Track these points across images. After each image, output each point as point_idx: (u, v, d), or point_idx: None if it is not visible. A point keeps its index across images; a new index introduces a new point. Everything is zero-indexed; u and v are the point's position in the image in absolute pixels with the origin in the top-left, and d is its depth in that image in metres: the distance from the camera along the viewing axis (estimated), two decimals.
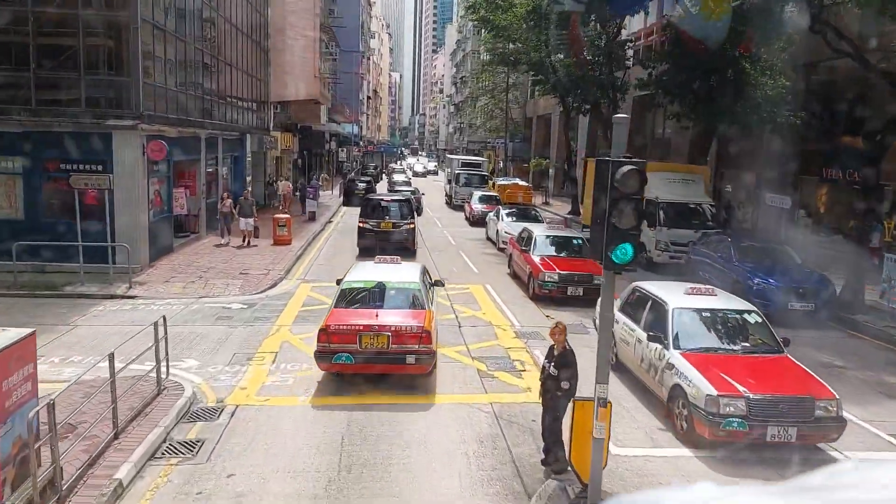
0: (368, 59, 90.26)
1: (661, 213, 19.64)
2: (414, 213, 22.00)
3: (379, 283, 10.52)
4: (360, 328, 9.35)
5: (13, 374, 6.01)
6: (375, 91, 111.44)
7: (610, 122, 29.81)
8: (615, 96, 30.00)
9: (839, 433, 7.86)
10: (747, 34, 19.51)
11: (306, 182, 37.20)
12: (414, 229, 21.05)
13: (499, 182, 40.69)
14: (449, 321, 13.57)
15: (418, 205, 27.51)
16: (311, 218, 29.07)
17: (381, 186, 45.80)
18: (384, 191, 38.34)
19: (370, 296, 10.35)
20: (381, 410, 9.06)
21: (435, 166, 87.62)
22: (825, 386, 8.11)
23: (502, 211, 24.97)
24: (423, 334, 9.36)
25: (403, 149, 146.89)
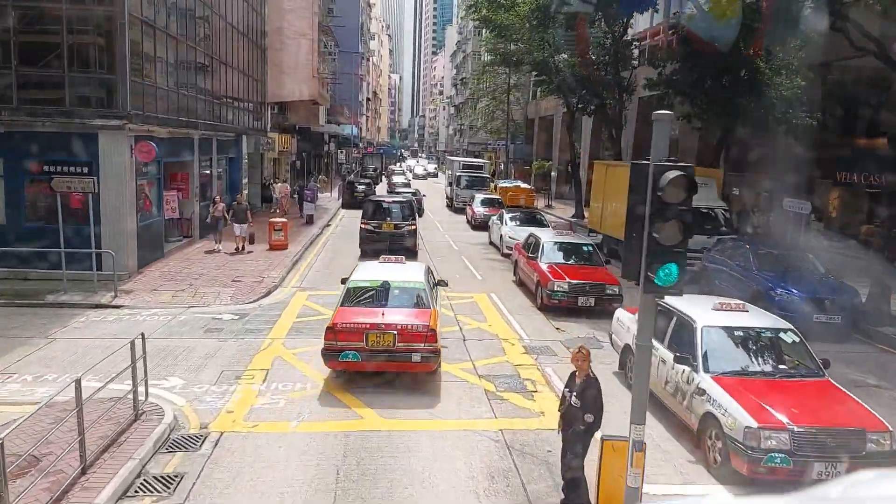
0: (368, 61, 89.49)
1: None
2: (415, 214, 22.03)
3: (384, 282, 10.60)
4: (367, 326, 9.46)
5: None
6: (375, 92, 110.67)
7: (616, 122, 29.04)
8: (621, 97, 29.22)
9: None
10: (761, 31, 18.72)
11: (304, 184, 36.40)
12: (415, 231, 21.14)
13: (501, 184, 39.89)
14: (452, 334, 12.74)
15: (419, 206, 27.20)
16: (308, 221, 28.24)
17: (381, 189, 44.96)
18: (384, 193, 37.51)
19: (376, 295, 10.43)
20: (381, 438, 8.24)
21: (435, 168, 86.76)
22: (876, 416, 7.28)
23: (506, 215, 24.15)
24: (429, 333, 9.45)
25: (403, 150, 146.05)
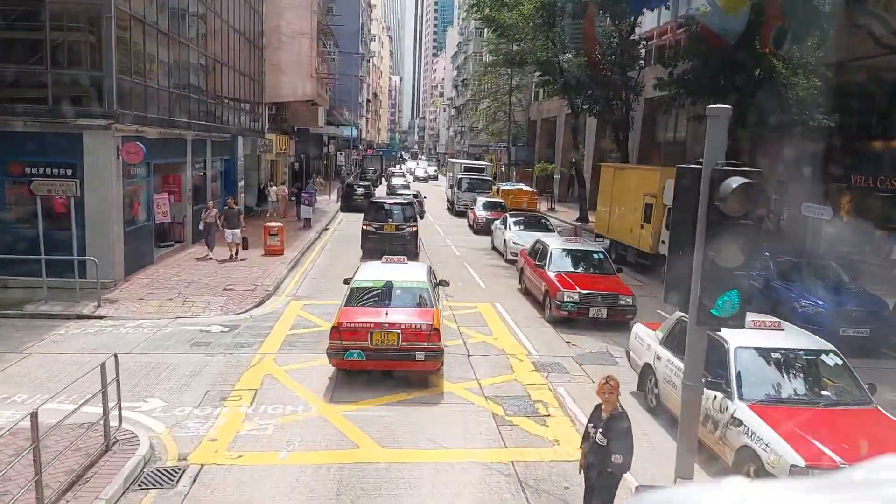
0: (368, 62, 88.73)
1: None
2: (416, 216, 21.98)
3: (387, 282, 10.67)
4: (371, 326, 9.53)
5: None
6: (375, 94, 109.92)
7: (623, 124, 28.27)
8: (628, 98, 28.44)
9: None
10: (768, 27, 17.91)
11: (302, 186, 35.61)
12: (416, 232, 21.17)
13: (503, 187, 39.11)
14: (456, 348, 11.92)
15: (420, 207, 26.80)
16: (306, 225, 27.42)
17: (380, 191, 44.13)
18: (384, 195, 36.71)
19: (379, 295, 10.50)
20: (379, 471, 7.41)
21: (435, 171, 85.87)
22: None
23: (509, 219, 23.33)
24: (432, 332, 9.54)
25: (403, 152, 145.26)
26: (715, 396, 7.43)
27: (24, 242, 14.75)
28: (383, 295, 10.44)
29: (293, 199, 32.59)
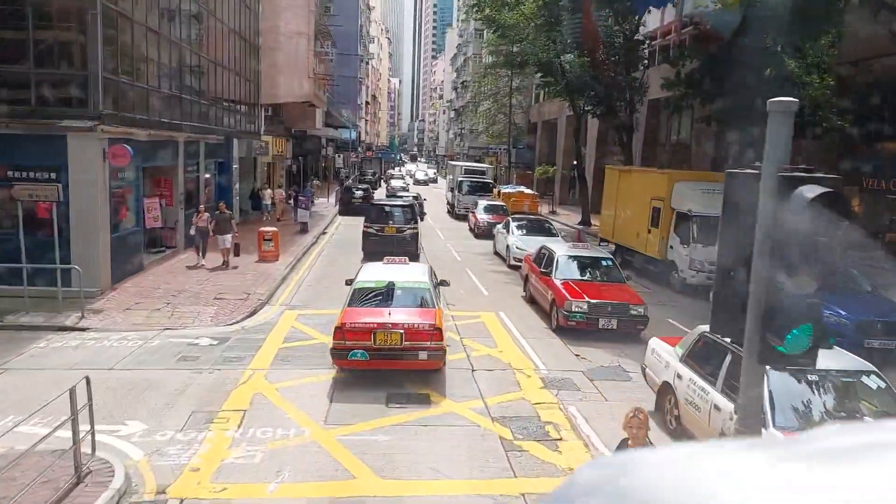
0: (367, 64, 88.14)
1: (696, 228, 17.35)
2: (417, 218, 22.10)
3: (389, 282, 10.74)
4: (374, 326, 9.60)
5: None
6: (374, 96, 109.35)
7: (627, 126, 27.49)
8: (632, 99, 27.81)
9: None
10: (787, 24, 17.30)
11: (299, 189, 34.97)
12: (417, 234, 21.27)
13: (504, 190, 38.47)
14: (460, 362, 11.24)
15: (421, 209, 26.98)
16: (303, 230, 26.75)
17: (380, 194, 43.45)
18: (383, 198, 36.07)
19: (382, 295, 10.54)
20: None
21: (434, 173, 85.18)
22: None
23: (512, 223, 22.65)
24: (435, 332, 9.63)
25: (402, 155, 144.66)
26: None
27: (6, 249, 14.06)
28: (386, 295, 10.51)
29: (290, 202, 31.91)
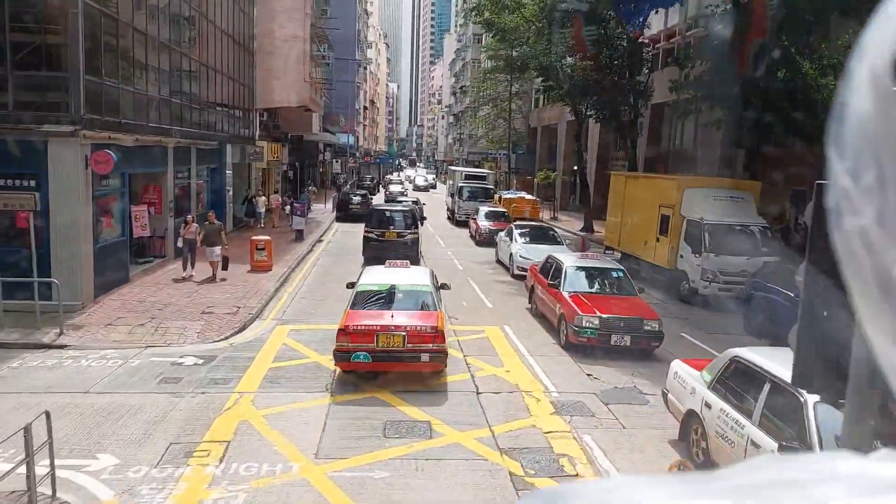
0: (365, 69, 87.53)
1: (707, 236, 16.60)
2: (418, 223, 22.27)
3: (392, 285, 10.86)
4: (377, 328, 9.69)
5: None
6: (373, 101, 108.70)
7: (632, 130, 26.69)
8: (636, 103, 27.09)
9: None
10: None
11: (294, 196, 34.22)
12: (418, 238, 21.45)
13: (504, 196, 37.73)
14: (464, 384, 10.45)
15: (420, 214, 26.60)
16: (298, 237, 25.95)
17: (378, 199, 42.70)
18: (382, 202, 35.34)
19: (384, 298, 10.64)
20: None
21: (433, 179, 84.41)
22: None
23: (515, 231, 21.86)
24: (437, 334, 9.75)
25: (401, 160, 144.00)
26: None
27: None
28: (388, 298, 10.62)
29: (286, 208, 31.13)
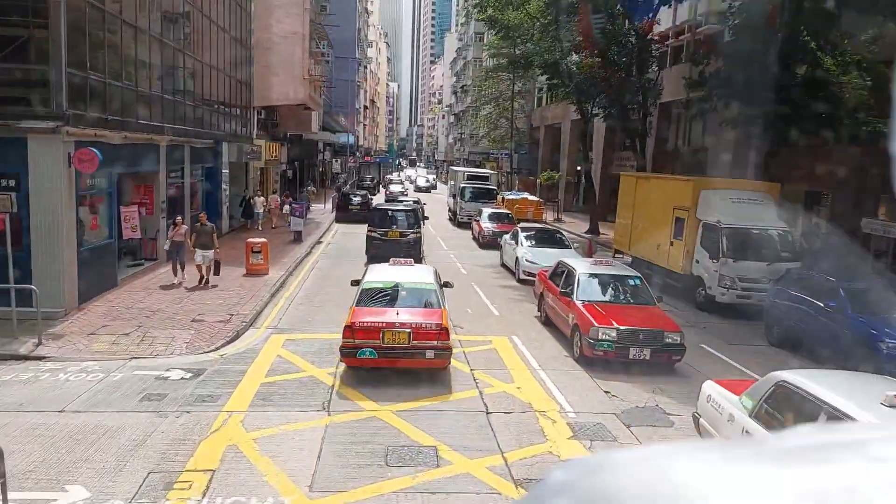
0: (366, 68, 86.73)
1: (725, 240, 15.79)
2: (420, 222, 22.38)
3: (396, 283, 11.04)
4: (383, 325, 9.87)
5: None
6: (373, 100, 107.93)
7: (641, 129, 25.89)
8: (645, 102, 26.29)
9: None
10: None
11: (295, 196, 33.40)
12: (420, 238, 21.67)
13: (507, 196, 36.95)
14: (472, 402, 9.64)
15: (422, 213, 26.51)
16: (296, 239, 25.16)
17: (379, 199, 41.88)
18: (382, 202, 34.55)
19: (389, 295, 10.80)
20: None
21: (434, 179, 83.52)
22: None
23: (520, 234, 21.05)
24: (442, 331, 9.92)
25: (401, 160, 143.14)
26: None
27: None
28: (393, 295, 10.77)
29: (285, 209, 30.32)
